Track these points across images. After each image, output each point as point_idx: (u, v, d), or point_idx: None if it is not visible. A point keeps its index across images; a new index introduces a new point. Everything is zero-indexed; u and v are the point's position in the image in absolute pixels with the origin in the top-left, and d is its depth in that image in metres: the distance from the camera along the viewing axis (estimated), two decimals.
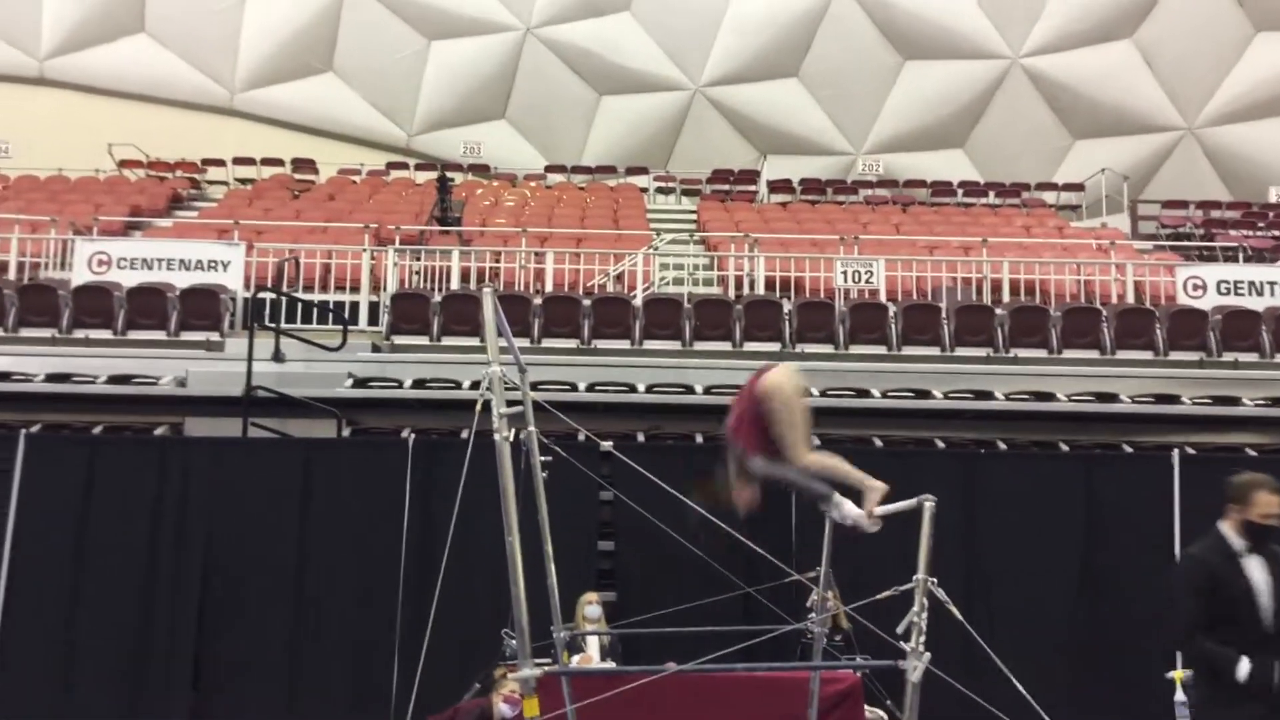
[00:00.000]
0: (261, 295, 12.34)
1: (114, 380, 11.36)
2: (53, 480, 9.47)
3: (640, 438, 11.14)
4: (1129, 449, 11.21)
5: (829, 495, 5.36)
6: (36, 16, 23.28)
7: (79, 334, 12.59)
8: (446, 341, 12.77)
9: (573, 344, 12.83)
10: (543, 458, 5.62)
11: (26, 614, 9.23)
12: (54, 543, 9.35)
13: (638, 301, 13.39)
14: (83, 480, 9.49)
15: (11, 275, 14.17)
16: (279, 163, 22.28)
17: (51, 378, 11.40)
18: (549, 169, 23.43)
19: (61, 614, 9.27)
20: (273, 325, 11.84)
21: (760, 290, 14.58)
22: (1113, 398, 11.74)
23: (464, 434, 10.19)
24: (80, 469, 9.53)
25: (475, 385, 10.43)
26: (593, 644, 8.49)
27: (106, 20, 23.43)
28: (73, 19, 23.36)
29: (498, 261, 14.91)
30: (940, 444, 11.18)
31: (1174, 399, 11.79)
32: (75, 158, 21.25)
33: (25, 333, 12.60)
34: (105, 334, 12.61)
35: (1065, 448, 11.19)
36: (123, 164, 22.02)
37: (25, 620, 9.22)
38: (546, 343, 12.78)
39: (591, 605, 8.71)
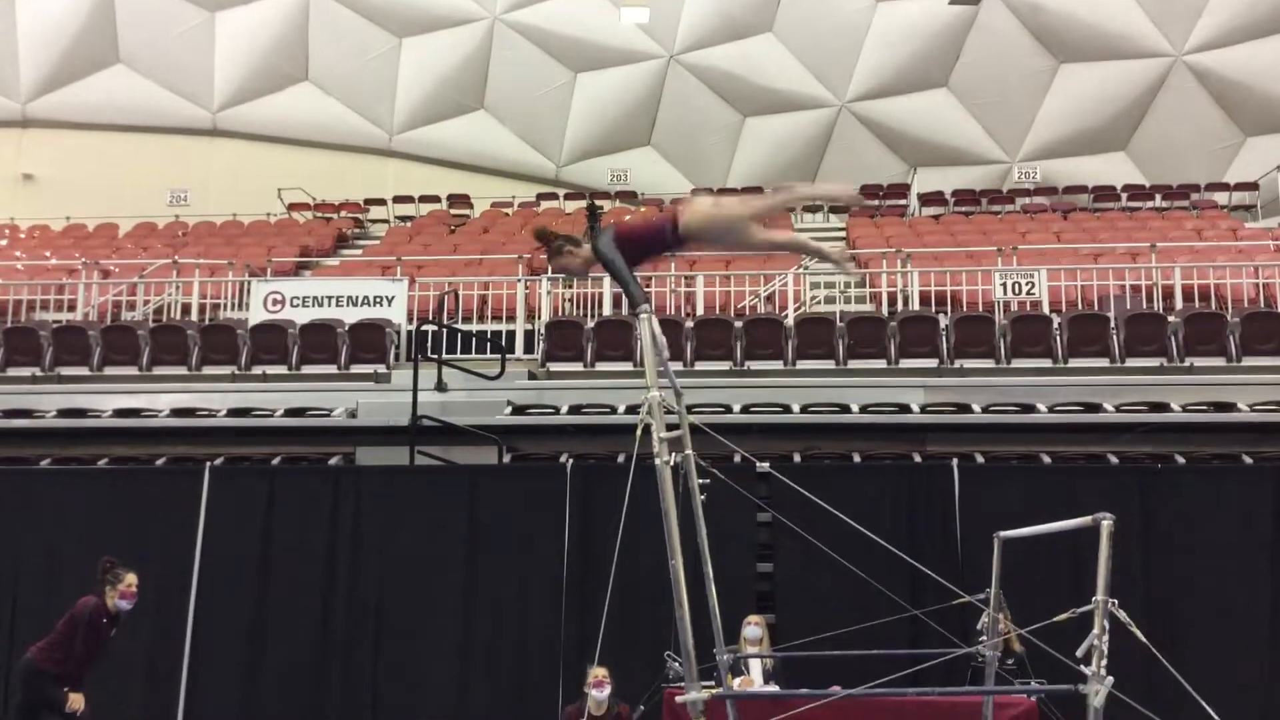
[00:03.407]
0: (424, 328, 12.77)
1: (290, 413, 11.91)
2: (236, 509, 10.00)
3: (796, 458, 11.05)
4: None
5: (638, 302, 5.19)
6: (209, 72, 24.76)
7: (257, 370, 13.26)
8: (600, 367, 12.94)
9: (726, 366, 12.83)
10: (700, 480, 5.63)
11: (214, 635, 9.74)
12: (238, 567, 9.85)
13: (789, 321, 13.31)
14: (263, 508, 9.99)
15: (194, 316, 15.05)
16: (435, 199, 23.05)
17: (232, 413, 12.04)
18: (695, 192, 23.49)
19: (246, 635, 9.75)
20: (435, 356, 12.23)
21: (915, 306, 14.30)
22: None
23: (620, 458, 10.32)
24: (261, 498, 10.03)
25: (630, 410, 10.54)
26: (755, 667, 8.43)
27: (272, 73, 24.75)
28: (242, 73, 24.75)
29: (648, 286, 15.02)
30: (1113, 459, 10.74)
31: None
32: (248, 203, 22.47)
33: (208, 370, 13.34)
34: (281, 369, 13.24)
35: (1249, 460, 10.60)
36: (291, 207, 23.15)
37: (213, 641, 9.73)
38: (699, 365, 12.82)
39: (751, 626, 8.65)
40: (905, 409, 11.45)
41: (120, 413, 12.11)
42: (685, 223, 5.22)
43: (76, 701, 7.36)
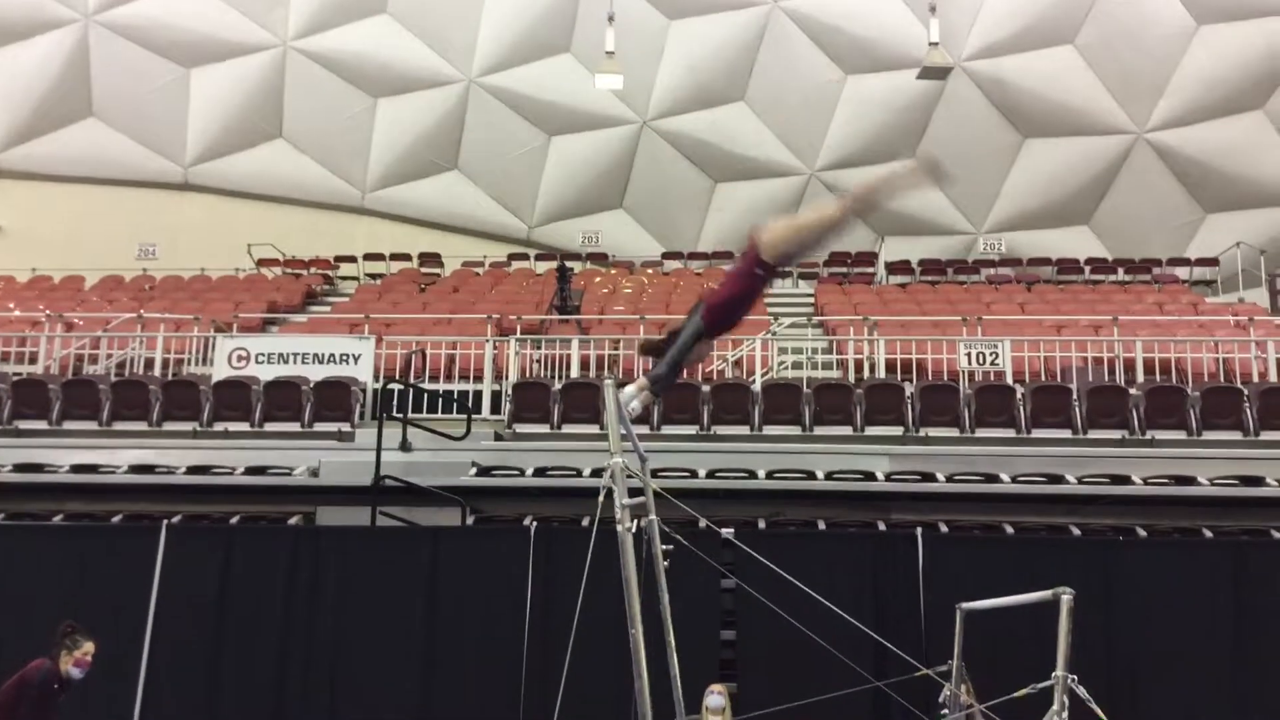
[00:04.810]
0: (390, 386, 12.70)
1: (251, 471, 11.76)
2: (192, 569, 9.83)
3: (761, 524, 11.02)
4: (1279, 535, 10.63)
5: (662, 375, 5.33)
6: (182, 128, 24.78)
7: (219, 427, 13.09)
8: (567, 429, 12.89)
9: (692, 430, 12.81)
10: (664, 546, 5.60)
11: (166, 698, 9.52)
12: (193, 627, 9.67)
13: (757, 387, 13.35)
14: (220, 568, 9.83)
15: (157, 371, 14.90)
16: (407, 257, 23.09)
17: (192, 470, 11.86)
18: (666, 256, 23.73)
19: (199, 697, 9.55)
20: (400, 415, 12.15)
21: (881, 374, 14.39)
22: (1258, 481, 11.17)
23: (584, 521, 10.25)
24: (218, 558, 9.87)
25: (596, 473, 10.48)
26: None
27: (246, 129, 24.79)
28: (215, 129, 24.77)
29: (617, 349, 15.07)
30: (1075, 531, 10.80)
31: None
32: (217, 258, 22.41)
33: (169, 426, 13.15)
34: (243, 426, 13.08)
35: (1209, 534, 10.68)
36: (261, 263, 23.09)
37: (165, 704, 9.51)
38: (666, 429, 12.78)
39: (714, 696, 8.56)
40: (870, 476, 11.47)
41: (78, 468, 11.91)
42: (770, 253, 5.28)
43: None
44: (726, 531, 8.23)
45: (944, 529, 10.73)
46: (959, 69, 22.51)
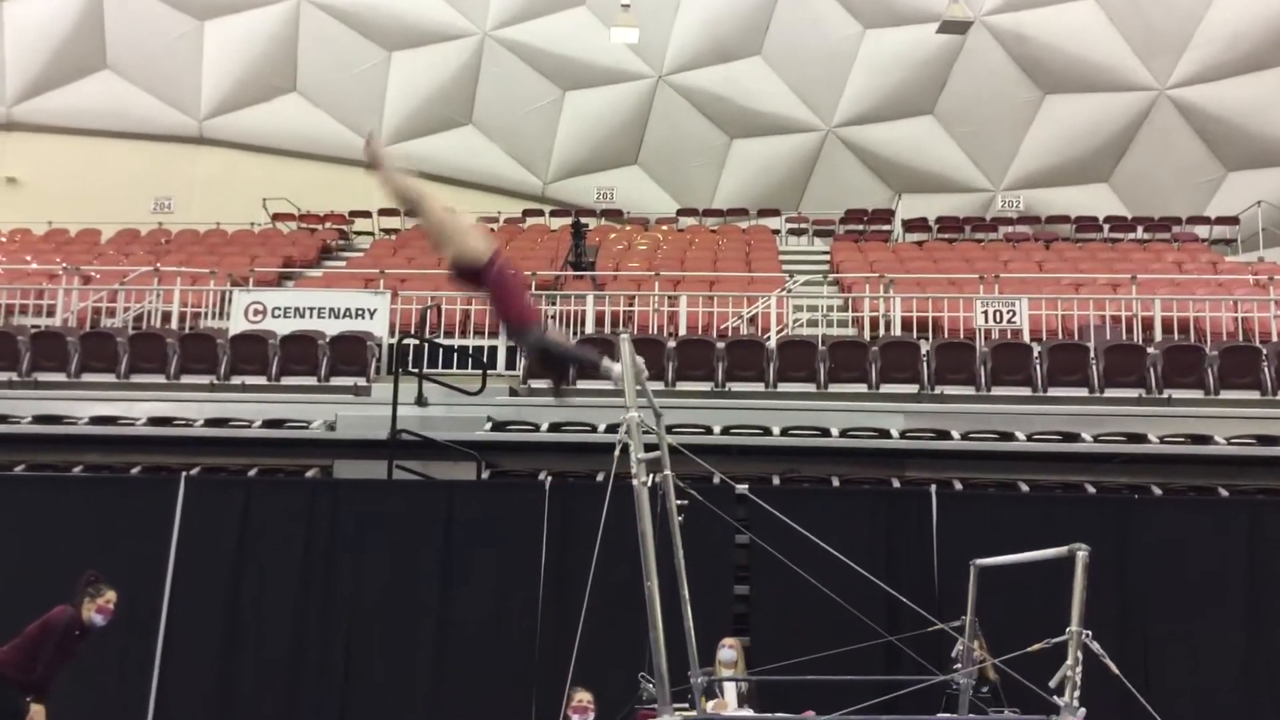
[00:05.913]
0: (405, 341, 12.72)
1: (268, 425, 11.83)
2: (211, 520, 9.92)
3: (775, 480, 11.05)
4: None
5: (597, 362, 5.07)
6: (197, 81, 24.69)
7: (236, 380, 13.16)
8: (581, 385, 12.83)
9: (707, 387, 12.82)
10: (678, 501, 5.62)
11: (185, 648, 9.65)
12: (211, 579, 9.78)
13: (772, 344, 13.33)
14: (239, 520, 9.91)
15: (174, 325, 14.97)
16: None
17: (210, 423, 11.95)
18: (681, 212, 23.61)
19: (217, 647, 9.67)
20: (416, 370, 12.18)
21: (896, 331, 14.35)
22: (1275, 440, 11.13)
23: (599, 476, 10.29)
24: (236, 510, 9.95)
25: (611, 428, 10.50)
26: (730, 690, 8.40)
27: (260, 82, 24.69)
28: (229, 82, 24.69)
29: (631, 305, 15.05)
30: (1091, 489, 10.79)
31: None
32: (232, 212, 22.40)
33: (186, 379, 13.24)
34: (260, 380, 13.16)
35: (1225, 493, 10.66)
36: (276, 217, 23.08)
37: (183, 654, 9.64)
38: (680, 386, 12.81)
39: (726, 649, 8.63)
40: (885, 434, 11.48)
41: (96, 420, 12.00)
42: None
43: (39, 715, 7.24)
44: (741, 487, 8.25)
45: (958, 486, 10.74)
46: (979, 23, 22.22)
